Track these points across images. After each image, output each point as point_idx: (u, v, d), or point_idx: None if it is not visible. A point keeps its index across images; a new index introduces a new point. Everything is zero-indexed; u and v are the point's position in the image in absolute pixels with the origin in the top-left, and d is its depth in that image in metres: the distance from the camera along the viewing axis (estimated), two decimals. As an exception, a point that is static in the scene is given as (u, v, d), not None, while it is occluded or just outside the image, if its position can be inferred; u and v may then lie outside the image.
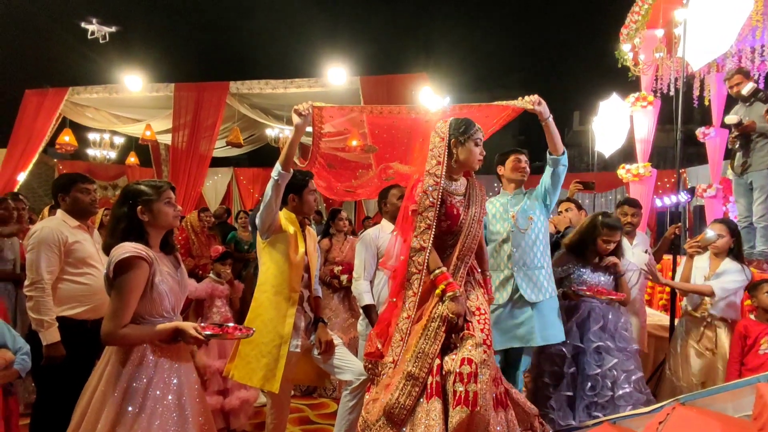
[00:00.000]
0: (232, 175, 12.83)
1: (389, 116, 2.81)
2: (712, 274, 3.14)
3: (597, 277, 3.06)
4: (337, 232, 4.59)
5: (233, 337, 2.05)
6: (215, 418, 3.33)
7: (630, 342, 3.00)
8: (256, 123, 8.64)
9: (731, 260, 3.13)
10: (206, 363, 3.30)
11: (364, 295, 3.03)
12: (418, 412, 2.08)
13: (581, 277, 3.04)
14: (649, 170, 6.28)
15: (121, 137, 10.43)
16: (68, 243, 2.59)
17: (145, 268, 1.80)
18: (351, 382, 2.62)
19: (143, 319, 1.84)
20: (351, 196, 3.63)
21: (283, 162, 2.41)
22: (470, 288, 2.33)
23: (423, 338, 2.16)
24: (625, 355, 2.92)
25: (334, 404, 3.92)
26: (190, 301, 3.66)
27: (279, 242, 2.54)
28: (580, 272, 3.06)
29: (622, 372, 2.88)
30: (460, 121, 2.35)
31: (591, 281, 3.04)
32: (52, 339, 2.48)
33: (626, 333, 3.01)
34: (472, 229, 2.32)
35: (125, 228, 1.86)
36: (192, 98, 7.47)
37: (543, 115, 2.60)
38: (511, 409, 2.27)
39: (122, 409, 1.75)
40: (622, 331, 2.98)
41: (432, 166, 2.30)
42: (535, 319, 2.75)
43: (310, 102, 2.48)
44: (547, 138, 2.72)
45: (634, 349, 3.00)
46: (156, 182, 1.97)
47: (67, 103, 7.77)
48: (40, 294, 2.49)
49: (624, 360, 2.91)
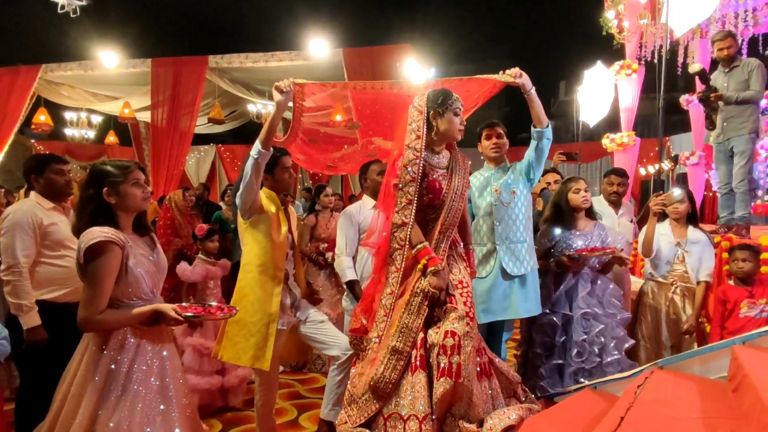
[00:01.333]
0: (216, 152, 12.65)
1: (372, 92, 2.77)
2: (679, 240, 3.22)
3: (584, 238, 3.03)
4: (323, 208, 4.56)
5: (216, 318, 2.03)
6: (215, 397, 3.40)
7: (620, 309, 3.00)
8: (238, 99, 8.47)
9: (695, 228, 3.28)
10: (204, 344, 3.34)
11: (347, 270, 3.04)
12: (403, 385, 2.10)
13: (568, 242, 3.02)
14: (633, 139, 6.31)
15: (99, 116, 10.18)
16: (43, 225, 2.53)
17: (116, 252, 1.75)
18: (338, 357, 2.64)
19: (121, 303, 1.81)
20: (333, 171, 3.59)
21: (263, 140, 2.35)
22: (453, 262, 2.34)
23: (406, 313, 2.17)
24: (615, 322, 2.93)
25: (323, 379, 3.96)
26: (184, 285, 3.65)
27: (261, 222, 2.49)
28: (567, 237, 3.04)
29: (611, 338, 2.89)
30: (438, 93, 2.31)
31: (579, 244, 3.00)
32: (33, 323, 2.45)
33: (615, 300, 3.01)
34: (454, 203, 2.31)
35: (93, 211, 1.80)
36: (170, 73, 7.28)
37: (525, 87, 2.57)
38: (495, 378, 2.30)
39: (104, 392, 1.73)
40: (610, 298, 2.99)
41: (411, 140, 2.27)
42: (517, 292, 2.77)
43: (291, 79, 2.42)
44: (530, 110, 2.70)
45: (625, 317, 3.00)
46: (123, 162, 1.89)
47: (41, 81, 7.54)
48: (17, 278, 2.44)
49: (614, 326, 2.92)
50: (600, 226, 3.10)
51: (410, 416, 2.02)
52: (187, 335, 3.38)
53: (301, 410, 3.47)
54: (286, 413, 3.41)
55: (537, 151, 2.80)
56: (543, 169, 3.09)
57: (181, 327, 3.33)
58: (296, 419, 3.34)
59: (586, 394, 2.25)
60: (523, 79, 2.53)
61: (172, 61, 7.40)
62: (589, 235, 3.04)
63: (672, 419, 1.68)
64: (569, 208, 3.07)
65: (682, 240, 3.22)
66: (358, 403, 2.17)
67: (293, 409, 3.49)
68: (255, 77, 7.77)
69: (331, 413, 2.72)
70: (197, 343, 3.34)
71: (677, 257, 3.21)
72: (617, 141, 6.30)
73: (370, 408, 2.13)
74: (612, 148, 6.40)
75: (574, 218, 3.09)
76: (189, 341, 3.36)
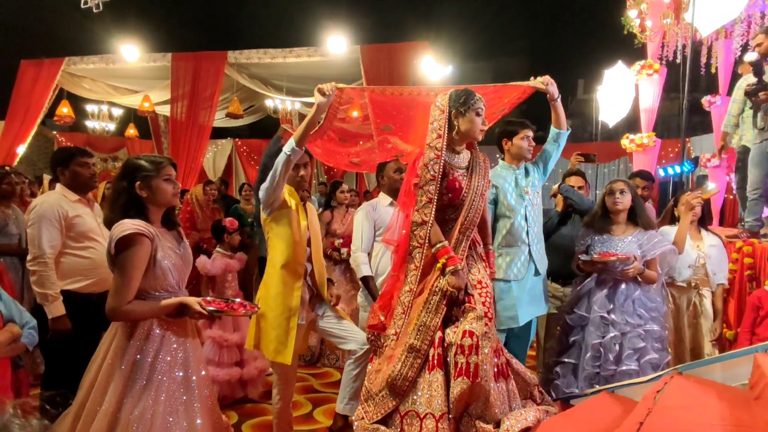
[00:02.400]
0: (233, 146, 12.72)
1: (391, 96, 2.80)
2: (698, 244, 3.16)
3: (616, 244, 2.90)
4: (338, 204, 4.58)
5: (238, 314, 2.07)
6: (235, 389, 3.47)
7: (648, 321, 2.80)
8: (256, 94, 8.52)
9: (708, 232, 3.23)
10: (223, 336, 3.41)
11: (362, 266, 3.05)
12: (420, 383, 2.11)
13: (598, 246, 2.94)
14: (653, 140, 6.22)
15: (120, 109, 10.31)
16: (69, 217, 2.59)
17: (146, 245, 1.79)
18: (354, 351, 2.66)
19: (148, 295, 1.85)
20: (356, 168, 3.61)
21: (298, 138, 2.38)
22: (472, 262, 2.34)
23: (424, 311, 2.18)
24: (636, 332, 2.76)
25: (337, 373, 4.00)
26: (203, 278, 3.71)
27: (283, 217, 2.53)
28: (599, 242, 2.94)
29: (629, 349, 2.74)
30: (460, 92, 2.32)
31: (609, 249, 2.89)
32: (57, 312, 2.50)
33: (644, 311, 2.82)
34: (474, 203, 2.31)
35: (125, 203, 1.85)
36: (190, 68, 7.35)
37: (553, 95, 2.69)
38: (512, 379, 2.30)
39: (130, 381, 1.78)
40: (637, 308, 2.82)
41: (432, 139, 2.27)
42: (543, 290, 2.94)
43: (333, 83, 2.48)
44: (553, 117, 2.86)
45: (653, 330, 2.80)
46: (157, 158, 1.94)
47: (64, 73, 7.65)
48: (42, 268, 2.50)
49: (632, 337, 2.75)
50: (641, 233, 2.92)
51: (427, 414, 2.04)
52: (206, 327, 3.44)
53: (316, 404, 3.51)
54: (301, 407, 3.45)
55: (557, 151, 2.93)
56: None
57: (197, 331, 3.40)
58: (311, 413, 3.38)
59: (603, 398, 2.23)
60: (552, 88, 2.64)
61: (192, 56, 7.46)
62: (625, 241, 2.90)
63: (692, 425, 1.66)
64: (605, 211, 2.98)
65: (700, 243, 3.18)
66: (375, 400, 2.19)
67: (308, 403, 3.52)
68: (273, 73, 7.81)
69: (347, 407, 2.74)
70: (216, 335, 3.40)
71: (698, 260, 3.16)
72: (637, 141, 6.22)
73: (387, 405, 2.14)
74: (631, 148, 6.31)
75: (609, 222, 2.97)
76: (208, 333, 3.42)
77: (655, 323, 2.82)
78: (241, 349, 3.52)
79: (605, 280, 2.89)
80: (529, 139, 2.91)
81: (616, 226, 2.97)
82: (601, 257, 2.83)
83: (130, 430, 1.73)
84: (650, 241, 2.88)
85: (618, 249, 2.87)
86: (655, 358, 2.76)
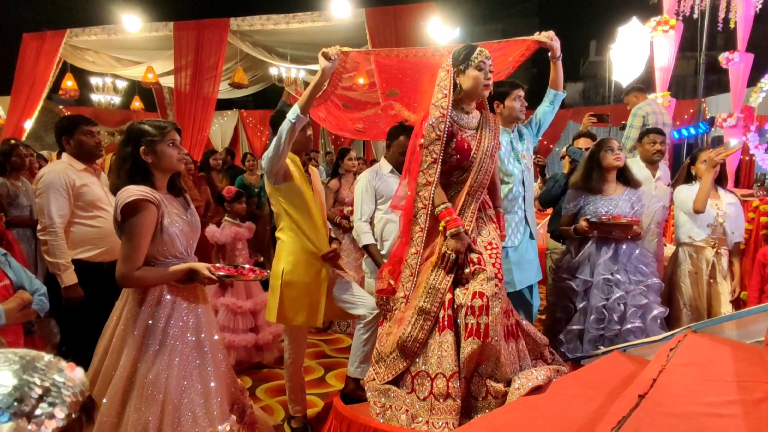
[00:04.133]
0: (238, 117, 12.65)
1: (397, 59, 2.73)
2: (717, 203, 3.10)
3: (612, 204, 2.86)
4: (346, 171, 4.54)
5: (248, 279, 2.07)
6: (250, 354, 3.53)
7: (648, 276, 2.83)
8: (260, 63, 8.38)
9: (725, 190, 3.18)
10: (236, 303, 3.45)
11: (363, 236, 2.99)
12: (430, 344, 2.12)
13: (593, 207, 2.89)
14: (668, 100, 6.05)
15: (124, 81, 10.23)
16: (76, 186, 2.58)
17: (152, 211, 1.78)
18: (364, 316, 2.67)
19: (157, 261, 1.85)
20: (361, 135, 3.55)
21: (302, 105, 2.34)
22: (482, 224, 2.30)
23: (434, 274, 2.16)
24: (640, 289, 2.78)
25: (348, 339, 4.05)
26: (213, 247, 3.73)
27: (289, 186, 2.50)
28: (593, 202, 2.90)
29: (632, 306, 2.75)
30: (460, 49, 2.24)
31: (605, 210, 2.85)
32: (70, 281, 2.53)
33: (643, 267, 2.84)
34: (484, 164, 2.26)
35: (130, 168, 1.82)
36: (192, 37, 7.21)
37: (555, 52, 2.65)
38: (522, 339, 2.30)
39: (143, 346, 1.79)
40: (637, 264, 2.83)
41: (438, 99, 2.21)
42: (535, 256, 2.91)
43: (338, 47, 2.43)
44: (552, 76, 2.82)
45: (652, 284, 2.83)
46: (161, 122, 1.90)
47: (66, 46, 7.56)
48: (53, 238, 2.52)
49: (635, 294, 2.76)
50: (631, 192, 2.93)
51: (437, 374, 2.05)
52: (219, 296, 3.48)
53: (328, 369, 3.56)
54: (313, 371, 3.50)
55: (551, 112, 2.92)
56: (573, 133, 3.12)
57: (214, 288, 3.43)
58: (323, 377, 3.43)
59: (615, 357, 2.23)
60: (555, 43, 2.60)
61: (194, 25, 7.31)
62: (617, 200, 2.88)
63: (706, 382, 1.65)
64: (600, 170, 2.92)
65: (718, 202, 3.10)
66: (386, 361, 2.20)
67: (320, 368, 3.58)
68: (276, 40, 7.65)
69: (358, 371, 2.77)
70: (230, 303, 3.45)
71: (716, 219, 3.10)
72: (651, 102, 6.04)
73: (398, 366, 2.16)
74: (645, 109, 6.14)
75: (603, 181, 2.93)
76: (222, 301, 3.46)
77: (654, 276, 2.88)
78: (255, 315, 3.57)
79: (606, 242, 2.85)
80: (520, 99, 2.84)
81: (608, 185, 2.94)
82: (610, 219, 2.77)
83: (145, 394, 1.75)
84: (640, 200, 2.92)
85: (612, 208, 2.86)
86: (660, 311, 2.82)
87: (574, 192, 3.01)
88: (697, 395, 1.57)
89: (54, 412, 0.53)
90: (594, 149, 3.00)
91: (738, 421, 1.42)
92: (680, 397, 1.57)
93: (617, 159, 2.88)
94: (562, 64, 2.75)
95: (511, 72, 2.91)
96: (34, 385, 0.53)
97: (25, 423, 0.51)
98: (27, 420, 0.51)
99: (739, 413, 1.46)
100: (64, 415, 0.54)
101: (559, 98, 2.89)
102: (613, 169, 2.92)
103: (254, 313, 3.54)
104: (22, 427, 0.50)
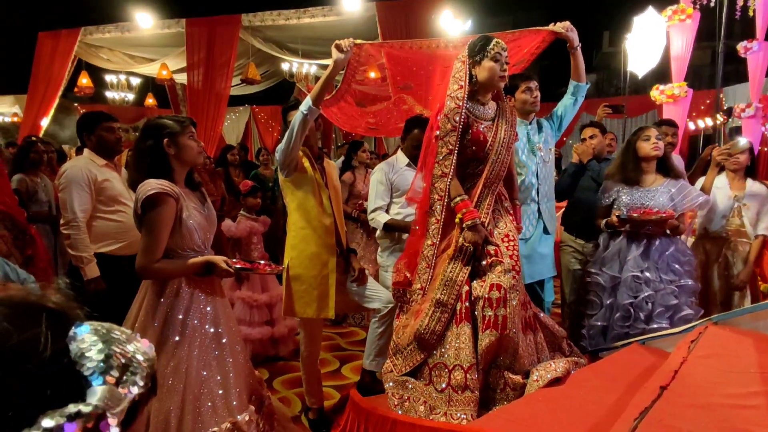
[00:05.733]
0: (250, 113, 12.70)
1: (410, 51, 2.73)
2: (736, 194, 3.06)
3: (650, 196, 2.70)
4: (360, 164, 4.55)
5: (263, 272, 2.12)
6: (266, 347, 3.56)
7: (682, 276, 2.67)
8: (271, 58, 8.41)
9: (755, 181, 3.09)
10: (252, 296, 3.49)
11: (378, 218, 2.93)
12: (447, 336, 2.12)
13: (628, 199, 2.74)
14: (685, 90, 5.95)
15: (138, 78, 10.33)
16: (98, 181, 2.62)
17: (171, 204, 1.81)
18: (379, 310, 2.68)
19: (175, 254, 1.88)
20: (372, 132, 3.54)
21: (314, 97, 2.35)
22: (498, 216, 2.30)
23: (450, 266, 2.16)
24: (671, 288, 2.63)
25: (362, 332, 4.07)
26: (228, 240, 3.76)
27: (301, 179, 2.51)
28: (629, 193, 2.75)
29: (660, 306, 2.61)
30: (476, 41, 2.23)
31: (641, 203, 2.70)
32: (92, 274, 2.57)
33: (678, 266, 2.68)
34: (500, 156, 2.25)
35: (150, 162, 1.86)
36: (204, 34, 7.26)
37: (573, 43, 2.58)
38: (540, 332, 2.30)
39: (163, 337, 1.82)
40: (671, 263, 2.67)
41: (453, 90, 2.20)
42: (551, 252, 2.90)
43: (351, 39, 2.42)
44: (572, 66, 2.75)
45: (687, 285, 2.67)
46: (178, 117, 1.96)
47: (81, 44, 7.65)
48: (76, 232, 2.56)
49: (665, 294, 2.61)
50: (672, 183, 2.74)
51: (455, 366, 2.05)
52: (236, 289, 3.51)
53: (343, 361, 3.58)
54: (329, 364, 3.53)
55: (574, 106, 2.85)
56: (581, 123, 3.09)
57: (230, 281, 3.46)
58: (339, 369, 3.46)
59: (634, 349, 2.22)
60: (573, 34, 2.54)
61: (206, 21, 7.35)
62: (655, 192, 2.72)
63: (728, 373, 1.64)
64: (636, 159, 2.78)
65: (740, 193, 3.06)
66: (403, 353, 2.21)
67: (336, 361, 3.60)
68: (288, 35, 7.67)
69: (373, 363, 2.79)
70: (246, 296, 3.48)
71: (733, 211, 3.06)
72: (667, 92, 5.94)
73: (415, 358, 2.17)
74: (662, 100, 6.04)
75: (640, 172, 2.79)
76: (238, 294, 3.49)
77: (689, 277, 2.71)
78: (271, 308, 3.60)
79: (637, 237, 2.72)
80: (531, 90, 2.81)
81: (646, 176, 2.80)
82: (641, 215, 2.64)
83: (166, 384, 1.78)
84: (682, 191, 2.72)
85: (649, 201, 2.73)
86: (689, 313, 2.64)
87: (610, 183, 2.89)
88: (720, 386, 1.56)
89: (136, 380, 0.57)
90: (631, 138, 2.87)
91: (762, 412, 1.41)
92: (702, 388, 1.56)
93: (655, 148, 2.73)
94: (581, 54, 2.67)
95: (526, 65, 2.88)
96: (120, 354, 0.57)
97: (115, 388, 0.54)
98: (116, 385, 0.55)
99: (763, 404, 1.44)
100: (143, 383, 0.58)
101: (581, 90, 2.80)
102: (652, 159, 2.78)
103: (270, 306, 3.58)
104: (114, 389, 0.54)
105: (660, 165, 2.81)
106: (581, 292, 2.98)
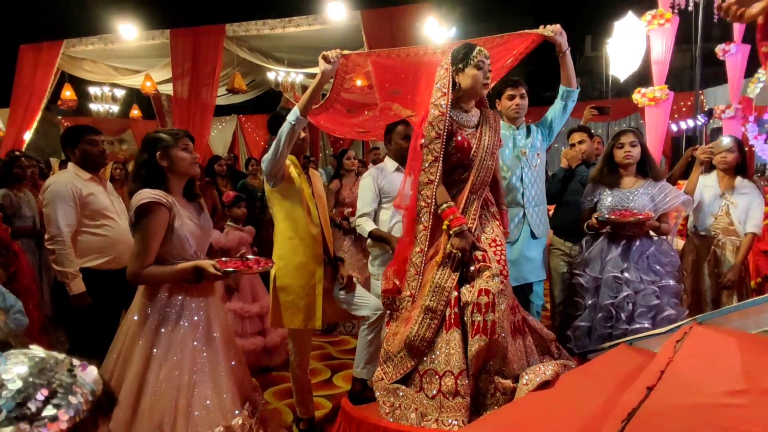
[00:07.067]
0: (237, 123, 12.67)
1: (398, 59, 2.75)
2: (724, 191, 3.10)
3: (629, 198, 2.74)
4: (347, 172, 4.56)
5: (254, 271, 2.14)
6: (259, 357, 3.55)
7: (663, 276, 2.70)
8: (257, 68, 8.40)
9: (743, 179, 3.12)
10: (243, 307, 3.48)
11: (365, 225, 2.94)
12: (437, 343, 2.13)
13: (608, 201, 2.79)
14: (666, 93, 6.05)
15: (122, 90, 10.25)
16: (83, 195, 2.60)
17: (163, 213, 1.86)
18: (368, 317, 2.68)
19: (167, 261, 1.91)
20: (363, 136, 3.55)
21: (302, 107, 2.37)
22: (485, 221, 2.32)
23: (439, 272, 2.17)
24: (652, 289, 2.65)
25: (353, 341, 4.06)
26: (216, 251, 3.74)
27: (288, 189, 2.51)
28: (608, 196, 2.80)
29: (641, 306, 2.64)
30: (459, 48, 2.25)
31: (622, 205, 2.74)
32: (78, 289, 2.54)
33: (659, 267, 2.70)
34: (485, 162, 2.27)
35: (146, 174, 1.93)
36: (188, 44, 7.23)
37: (562, 47, 2.58)
38: (529, 335, 2.31)
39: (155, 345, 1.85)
40: (652, 263, 2.70)
41: (437, 98, 2.23)
42: (540, 255, 2.88)
43: (338, 50, 2.44)
44: (562, 71, 2.72)
45: (669, 286, 2.69)
46: (173, 130, 2.03)
47: (64, 56, 7.57)
48: (60, 247, 2.53)
49: (646, 294, 2.64)
50: (651, 185, 2.79)
51: (446, 372, 2.06)
52: (226, 301, 3.49)
53: (335, 370, 3.57)
54: (320, 373, 3.51)
55: (564, 111, 2.84)
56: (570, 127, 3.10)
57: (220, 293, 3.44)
58: (330, 379, 3.44)
59: (621, 350, 2.23)
60: (562, 38, 2.54)
61: (190, 32, 7.33)
62: (634, 194, 2.76)
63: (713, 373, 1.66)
64: (614, 164, 2.85)
65: (728, 191, 3.09)
66: (394, 361, 2.21)
67: (327, 370, 3.59)
68: (273, 45, 7.66)
69: (363, 371, 2.78)
70: (237, 308, 3.47)
71: (721, 209, 3.09)
72: (649, 95, 6.05)
73: (406, 365, 2.17)
74: (643, 103, 6.14)
75: (618, 175, 2.84)
76: (229, 306, 3.47)
77: (671, 278, 2.73)
78: (263, 318, 3.58)
79: (617, 238, 2.77)
80: (513, 97, 2.83)
81: (626, 178, 2.85)
82: (617, 217, 2.69)
83: (159, 391, 1.80)
84: (662, 192, 2.76)
85: (629, 202, 2.76)
86: (672, 314, 2.66)
87: (591, 186, 2.95)
88: (705, 386, 1.58)
89: (58, 415, 0.53)
90: (610, 143, 2.92)
91: (746, 411, 1.43)
92: (688, 388, 1.58)
93: (627, 156, 2.79)
94: (570, 58, 2.66)
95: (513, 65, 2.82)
96: (40, 386, 0.53)
97: (27, 426, 0.50)
98: (29, 423, 0.51)
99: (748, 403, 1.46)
100: (68, 417, 0.54)
101: (572, 95, 2.78)
102: (628, 166, 2.83)
103: (261, 317, 3.56)
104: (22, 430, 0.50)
105: (639, 167, 2.86)
106: (567, 293, 3.01)
